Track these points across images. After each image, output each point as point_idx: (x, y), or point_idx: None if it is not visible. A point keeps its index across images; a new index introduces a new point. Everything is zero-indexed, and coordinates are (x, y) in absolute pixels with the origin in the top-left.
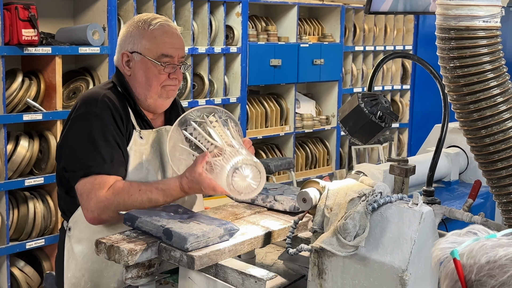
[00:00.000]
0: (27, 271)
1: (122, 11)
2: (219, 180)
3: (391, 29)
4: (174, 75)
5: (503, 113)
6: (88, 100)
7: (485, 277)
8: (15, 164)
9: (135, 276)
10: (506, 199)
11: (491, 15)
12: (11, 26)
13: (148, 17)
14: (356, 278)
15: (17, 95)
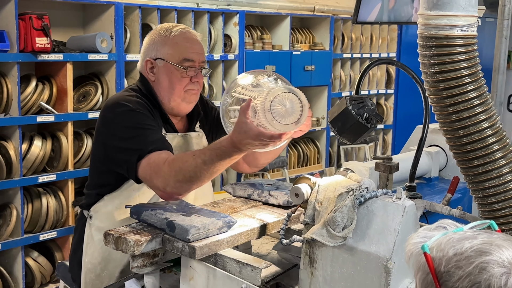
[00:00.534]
0: (41, 261)
1: (128, 20)
2: (263, 119)
3: (376, 38)
4: (196, 78)
5: (479, 114)
6: (121, 102)
7: (453, 268)
8: (30, 162)
9: (141, 265)
10: (482, 193)
11: (468, 25)
12: (26, 34)
13: (169, 25)
14: (344, 267)
15: (31, 99)
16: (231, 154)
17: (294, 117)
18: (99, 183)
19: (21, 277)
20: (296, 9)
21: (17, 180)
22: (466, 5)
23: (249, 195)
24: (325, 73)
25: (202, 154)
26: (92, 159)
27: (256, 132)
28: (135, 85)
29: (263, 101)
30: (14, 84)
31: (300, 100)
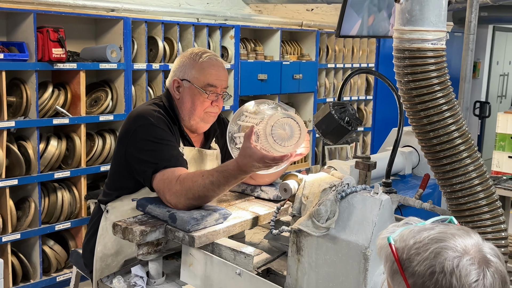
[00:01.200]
0: (56, 248)
1: (136, 33)
2: (265, 143)
3: (357, 50)
4: (216, 102)
5: (447, 118)
6: (144, 115)
7: (413, 255)
8: (46, 160)
9: (146, 253)
10: (449, 189)
11: (438, 39)
12: (43, 46)
13: (199, 51)
14: (327, 254)
15: (48, 103)
16: (236, 176)
17: (294, 139)
18: (119, 186)
19: (39, 263)
20: (286, 24)
21: (35, 176)
22: (436, 21)
23: (243, 190)
24: (311, 81)
25: (210, 175)
26: (113, 162)
27: (260, 155)
28: (160, 99)
29: (265, 127)
30: (32, 90)
31: (298, 125)
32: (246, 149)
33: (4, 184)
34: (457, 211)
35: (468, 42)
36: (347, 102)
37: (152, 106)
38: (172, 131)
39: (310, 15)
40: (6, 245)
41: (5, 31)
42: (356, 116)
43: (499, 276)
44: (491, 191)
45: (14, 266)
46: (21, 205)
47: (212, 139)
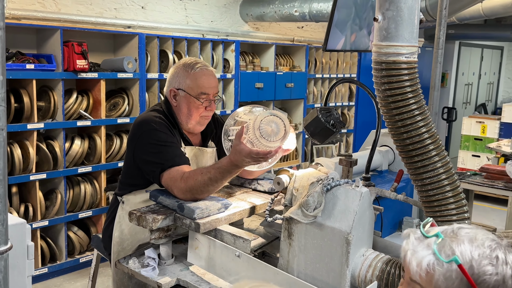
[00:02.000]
0: (79, 234)
1: (149, 47)
2: (252, 136)
3: (341, 62)
4: (210, 107)
5: (419, 122)
6: (147, 121)
7: (484, 266)
8: (71, 157)
9: (157, 237)
10: (420, 183)
11: (411, 53)
12: (69, 57)
13: (191, 62)
14: (315, 239)
15: (72, 107)
16: (231, 171)
17: (279, 135)
18: (131, 183)
19: (64, 246)
20: (279, 39)
21: (61, 171)
22: (409, 38)
23: (242, 184)
24: (301, 89)
25: (208, 172)
26: (124, 163)
27: (248, 151)
28: (160, 106)
29: (253, 122)
30: (59, 96)
31: (283, 123)
32: (236, 146)
33: (34, 177)
34: (427, 202)
35: (437, 56)
36: (333, 108)
37: (154, 113)
38: (173, 134)
39: (300, 32)
40: (36, 230)
41: (35, 45)
42: (340, 120)
43: None
44: (456, 185)
45: (42, 249)
46: (49, 196)
47: (209, 138)
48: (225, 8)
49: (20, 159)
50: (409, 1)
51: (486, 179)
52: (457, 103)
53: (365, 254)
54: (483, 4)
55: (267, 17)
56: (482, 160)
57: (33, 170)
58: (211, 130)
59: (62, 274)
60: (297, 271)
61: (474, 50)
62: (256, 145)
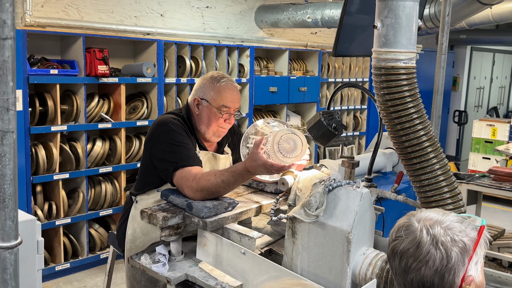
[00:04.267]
0: (100, 231)
1: (167, 53)
2: (272, 154)
3: (353, 66)
4: (229, 120)
5: (417, 125)
6: (166, 122)
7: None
8: (92, 157)
9: (167, 235)
10: (419, 184)
11: (409, 59)
12: (91, 63)
13: (218, 75)
14: (317, 237)
15: (94, 111)
16: (244, 176)
17: (295, 153)
18: (146, 182)
19: (86, 243)
20: (293, 45)
21: (83, 171)
22: (407, 44)
23: (250, 184)
24: (314, 93)
25: (221, 174)
26: (142, 161)
27: (263, 161)
28: (180, 111)
29: (274, 136)
30: (81, 100)
31: (302, 142)
32: (253, 154)
33: (57, 177)
34: (425, 203)
35: (440, 61)
36: (335, 111)
37: (173, 115)
38: (189, 136)
39: (314, 37)
40: (59, 227)
41: (59, 51)
42: (342, 123)
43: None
44: (454, 186)
45: (65, 245)
46: (71, 195)
47: (225, 146)
48: (240, 15)
49: (44, 159)
50: (407, 9)
51: (494, 181)
52: (469, 107)
53: (365, 252)
54: (493, 10)
55: (281, 24)
56: (492, 163)
57: (56, 170)
58: (226, 137)
59: (83, 269)
60: (300, 268)
61: (485, 54)
62: (272, 158)
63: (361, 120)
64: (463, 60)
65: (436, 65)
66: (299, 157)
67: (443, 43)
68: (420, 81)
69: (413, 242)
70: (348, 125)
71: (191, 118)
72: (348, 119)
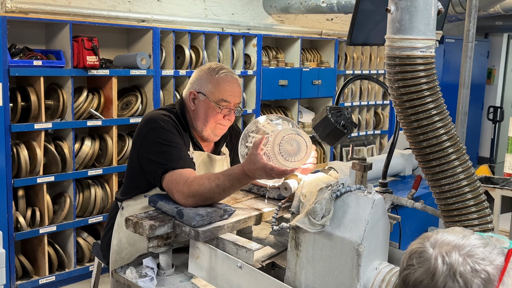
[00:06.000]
0: (89, 240)
1: (164, 42)
2: (272, 156)
3: (374, 57)
4: (228, 117)
5: (436, 122)
6: (154, 119)
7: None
8: (81, 158)
9: (155, 246)
10: (439, 189)
11: (427, 47)
12: (78, 53)
13: (216, 66)
14: (323, 250)
15: (82, 106)
16: (241, 180)
17: (298, 157)
18: (133, 186)
19: (73, 253)
20: (306, 32)
21: (70, 173)
22: (425, 30)
23: (250, 189)
24: (330, 86)
25: (216, 178)
26: (128, 163)
27: (262, 164)
28: (173, 106)
29: (276, 136)
30: (68, 95)
31: (306, 143)
32: (252, 156)
33: (41, 180)
34: (446, 211)
35: (466, 50)
36: (344, 107)
37: (163, 111)
38: (181, 135)
39: (329, 25)
40: (43, 236)
41: (44, 40)
42: (351, 120)
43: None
44: (479, 192)
45: (50, 256)
46: (57, 200)
47: (222, 145)
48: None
49: (26, 160)
50: None
51: None
52: (505, 102)
53: (378, 267)
54: None
55: (293, 9)
56: None
57: (40, 172)
58: (224, 136)
59: (70, 282)
60: (304, 284)
61: None
62: (272, 161)
63: (382, 117)
64: (499, 50)
65: (462, 55)
66: (302, 162)
67: (470, 30)
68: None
69: (427, 272)
70: (368, 123)
71: (185, 114)
72: (368, 116)
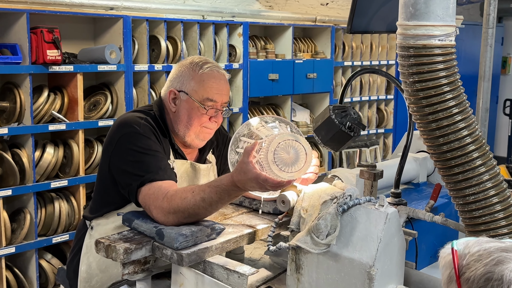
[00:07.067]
0: (54, 262)
1: (136, 33)
2: (266, 166)
3: (376, 46)
4: (215, 118)
5: (458, 122)
6: (129, 123)
7: (473, 261)
8: (42, 168)
9: (132, 272)
10: (462, 201)
11: (446, 34)
12: (37, 47)
13: (200, 60)
14: (329, 273)
15: (43, 108)
16: (230, 192)
17: (295, 167)
18: (104, 201)
19: (35, 278)
20: (298, 19)
21: (30, 186)
22: (443, 15)
23: (241, 202)
24: (326, 80)
25: (201, 191)
26: (98, 175)
27: (255, 174)
28: (150, 107)
29: (270, 141)
30: (26, 95)
31: (305, 153)
32: (243, 164)
33: None
34: (471, 225)
35: (486, 37)
36: (349, 106)
37: (139, 114)
38: (160, 142)
39: (324, 10)
40: (0, 259)
41: None
42: (359, 121)
43: None
44: (509, 203)
45: (8, 281)
46: (15, 217)
47: (208, 151)
48: None
49: None
50: None
51: None
52: None
53: None
54: None
55: None
56: None
57: None
58: (210, 142)
59: None
60: None
61: None
62: (266, 170)
63: (386, 114)
64: None
65: (482, 42)
66: (301, 173)
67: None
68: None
69: None
70: (371, 121)
71: (165, 117)
72: (370, 113)
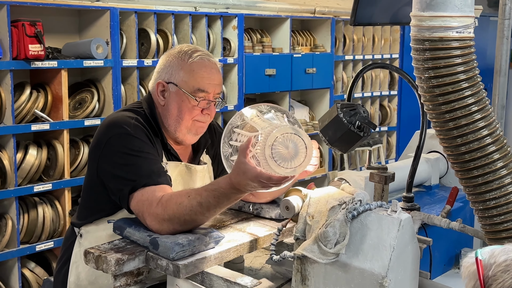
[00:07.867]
0: (38, 271)
1: (124, 26)
2: (263, 161)
3: (378, 39)
4: (208, 111)
5: (478, 121)
6: (118, 123)
7: (500, 272)
8: (25, 171)
9: (124, 284)
10: (482, 206)
11: (464, 26)
12: (19, 42)
13: (189, 49)
14: (337, 284)
15: (25, 107)
16: (229, 196)
17: (294, 163)
18: (93, 207)
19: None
20: (296, 11)
21: (12, 190)
22: (461, 5)
23: (240, 208)
24: (326, 75)
25: (198, 195)
26: (86, 179)
27: (255, 173)
28: (140, 105)
29: (268, 135)
30: (7, 92)
31: (305, 147)
32: (240, 164)
33: None
34: (492, 232)
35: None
36: (358, 104)
37: (129, 113)
38: (153, 143)
39: (324, 1)
40: None
41: None
42: (369, 120)
43: None
44: None
45: None
46: None
47: (203, 151)
48: None
49: None
50: None
51: None
52: None
53: None
54: None
55: None
56: None
57: None
58: (205, 140)
59: None
60: None
61: None
62: (262, 165)
63: (390, 111)
64: None
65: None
66: (300, 169)
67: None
68: None
69: None
70: (373, 119)
71: (156, 114)
72: (372, 110)
